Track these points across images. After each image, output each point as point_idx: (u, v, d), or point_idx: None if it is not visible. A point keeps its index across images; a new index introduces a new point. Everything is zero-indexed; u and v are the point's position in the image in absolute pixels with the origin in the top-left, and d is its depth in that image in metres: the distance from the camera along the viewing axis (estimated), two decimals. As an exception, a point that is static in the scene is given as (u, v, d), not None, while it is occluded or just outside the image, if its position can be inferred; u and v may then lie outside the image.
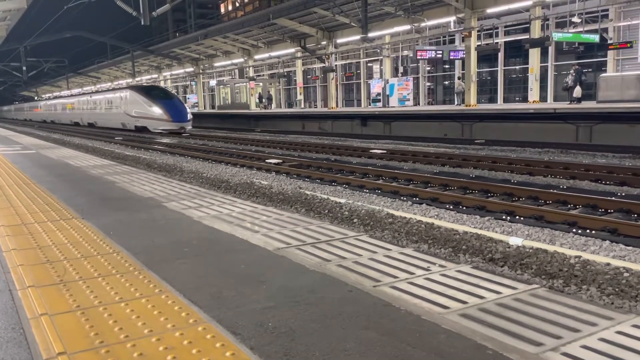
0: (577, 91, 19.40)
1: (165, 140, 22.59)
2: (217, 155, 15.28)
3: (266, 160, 13.40)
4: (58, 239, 3.66)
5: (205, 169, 12.10)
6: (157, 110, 26.34)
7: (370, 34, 25.90)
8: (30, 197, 5.46)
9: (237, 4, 76.21)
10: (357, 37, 27.46)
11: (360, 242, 3.51)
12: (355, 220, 6.58)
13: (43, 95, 79.24)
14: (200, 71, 45.20)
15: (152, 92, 28.20)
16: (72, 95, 49.06)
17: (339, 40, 31.06)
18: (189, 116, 26.91)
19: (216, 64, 43.73)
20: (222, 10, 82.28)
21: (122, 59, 51.22)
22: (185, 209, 4.71)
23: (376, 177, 10.54)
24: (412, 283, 2.69)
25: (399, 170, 11.29)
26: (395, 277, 2.80)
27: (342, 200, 7.59)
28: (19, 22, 22.31)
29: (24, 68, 48.57)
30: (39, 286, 2.69)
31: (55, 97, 58.67)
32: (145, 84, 44.39)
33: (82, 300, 2.50)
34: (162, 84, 50.05)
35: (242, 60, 39.08)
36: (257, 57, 38.30)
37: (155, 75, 53.01)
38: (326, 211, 7.14)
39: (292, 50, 34.68)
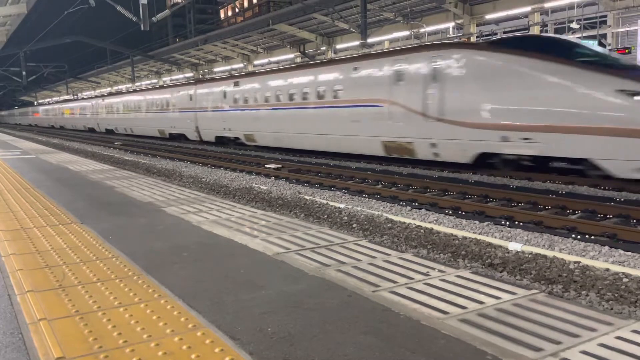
0: None
1: None
2: (216, 161, 15.27)
3: (265, 165, 13.40)
4: (57, 244, 3.66)
5: (205, 174, 12.09)
6: None
7: (370, 40, 25.92)
8: (29, 202, 5.46)
9: (237, 10, 76.46)
10: (357, 42, 27.47)
11: (360, 247, 3.51)
12: (354, 225, 6.58)
13: (83, 94, 58.26)
14: (200, 76, 45.26)
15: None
16: (159, 88, 29.62)
17: (339, 46, 31.14)
18: None
19: (216, 69, 43.80)
20: (222, 16, 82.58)
21: (121, 64, 51.18)
22: (185, 214, 4.71)
23: (375, 182, 10.54)
24: (411, 288, 2.69)
25: (398, 175, 11.29)
26: (394, 282, 2.80)
27: (341, 205, 7.59)
28: (19, 27, 22.38)
29: (24, 73, 48.52)
30: (38, 291, 2.69)
31: (120, 93, 36.21)
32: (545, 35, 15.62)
33: (81, 305, 2.49)
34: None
35: (241, 65, 39.16)
36: (256, 62, 38.35)
37: (154, 81, 52.90)
38: (325, 216, 7.14)
39: (291, 55, 34.74)
